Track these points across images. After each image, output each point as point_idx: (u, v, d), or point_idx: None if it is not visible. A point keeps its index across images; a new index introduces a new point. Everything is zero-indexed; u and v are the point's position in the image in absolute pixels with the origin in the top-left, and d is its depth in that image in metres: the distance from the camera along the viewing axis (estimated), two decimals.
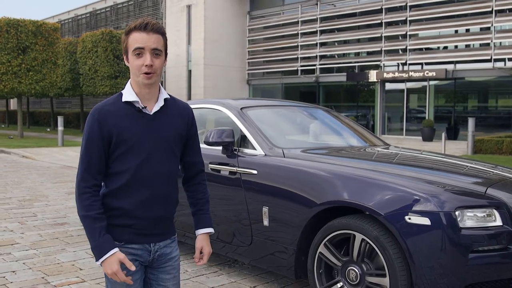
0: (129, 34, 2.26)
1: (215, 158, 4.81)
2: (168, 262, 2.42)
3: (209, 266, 5.20)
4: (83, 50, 30.72)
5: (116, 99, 2.32)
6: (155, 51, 2.24)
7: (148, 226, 2.32)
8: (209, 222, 2.58)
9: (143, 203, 2.29)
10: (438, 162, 4.84)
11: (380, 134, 28.28)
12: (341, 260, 3.84)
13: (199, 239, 2.55)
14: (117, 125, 2.25)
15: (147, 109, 2.31)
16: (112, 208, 2.29)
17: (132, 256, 2.31)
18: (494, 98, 27.12)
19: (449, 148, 18.22)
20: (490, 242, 3.43)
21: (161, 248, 2.39)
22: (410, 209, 3.45)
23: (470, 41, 26.21)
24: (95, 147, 2.25)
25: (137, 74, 2.25)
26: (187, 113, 2.47)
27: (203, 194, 2.59)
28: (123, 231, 2.30)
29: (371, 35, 29.48)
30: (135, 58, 2.24)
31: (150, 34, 2.23)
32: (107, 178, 2.31)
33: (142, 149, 2.28)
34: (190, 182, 2.57)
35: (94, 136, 2.25)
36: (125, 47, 2.28)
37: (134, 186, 2.27)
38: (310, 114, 5.88)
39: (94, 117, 2.26)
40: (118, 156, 2.27)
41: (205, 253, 2.55)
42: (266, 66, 35.25)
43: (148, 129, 2.30)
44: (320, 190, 3.95)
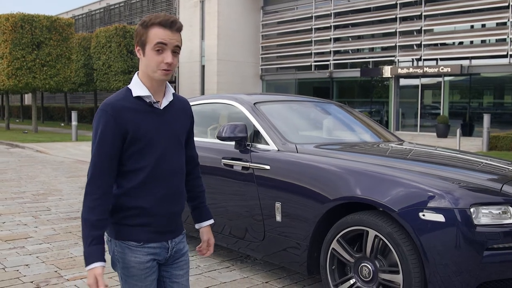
0: (150, 27, 2.17)
1: (228, 153, 4.80)
2: (181, 258, 2.40)
3: (221, 261, 5.20)
4: (97, 45, 30.86)
5: (126, 94, 2.24)
6: (176, 49, 2.20)
7: (165, 223, 2.29)
8: (210, 214, 2.63)
9: (161, 200, 2.25)
10: (452, 158, 4.79)
11: (394, 130, 28.12)
12: (354, 257, 3.81)
13: (205, 231, 2.58)
14: (132, 121, 2.18)
15: (158, 104, 2.27)
16: (129, 208, 2.23)
17: (151, 256, 2.27)
18: (510, 94, 26.84)
19: (464, 145, 18.07)
20: (506, 239, 3.38)
21: (177, 244, 2.37)
22: (425, 206, 3.41)
23: (486, 36, 25.96)
24: (110, 145, 2.16)
25: (155, 70, 2.19)
26: (188, 107, 2.46)
27: (202, 187, 2.61)
28: (142, 231, 2.24)
29: (385, 30, 29.32)
30: (155, 53, 2.17)
31: (174, 32, 2.18)
32: (121, 176, 2.23)
33: (158, 146, 2.24)
34: (190, 176, 2.54)
35: (108, 133, 2.16)
36: (143, 40, 2.19)
37: (151, 183, 2.22)
38: (323, 109, 5.84)
39: (108, 113, 2.16)
40: (133, 153, 2.21)
41: (211, 244, 2.58)
42: (279, 62, 35.18)
43: (160, 125, 2.26)
44: (333, 186, 3.92)
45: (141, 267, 2.24)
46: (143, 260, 2.25)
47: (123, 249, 2.25)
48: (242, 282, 4.61)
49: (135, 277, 2.25)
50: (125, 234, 2.24)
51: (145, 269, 2.25)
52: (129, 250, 2.24)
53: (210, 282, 4.61)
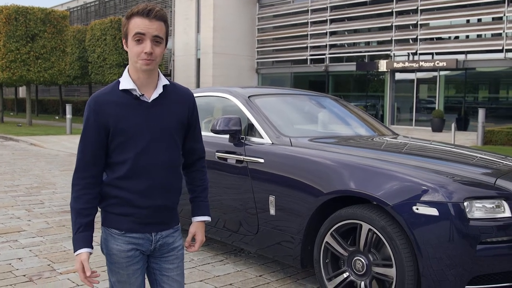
0: (130, 18, 2.18)
1: (222, 147, 4.78)
2: (170, 252, 2.38)
3: (215, 255, 5.19)
4: (91, 38, 30.76)
5: (113, 87, 2.26)
6: (156, 38, 2.18)
7: (148, 215, 2.28)
8: (206, 210, 2.55)
9: (143, 193, 2.24)
10: (447, 152, 4.79)
11: (390, 125, 28.16)
12: (348, 250, 3.81)
13: (193, 226, 2.52)
14: (114, 114, 2.20)
15: (145, 96, 2.25)
16: (112, 197, 2.26)
17: (133, 245, 2.28)
18: (505, 89, 26.89)
19: (459, 139, 18.10)
20: (499, 233, 3.39)
21: (163, 238, 2.35)
22: (418, 200, 3.41)
23: (481, 31, 25.97)
24: (91, 138, 2.22)
25: (136, 60, 2.18)
26: (188, 99, 2.40)
27: (202, 181, 2.55)
28: (123, 220, 2.27)
29: (381, 24, 29.30)
30: (135, 44, 2.17)
31: (152, 21, 2.16)
32: (108, 167, 2.28)
33: (141, 139, 2.22)
34: (190, 168, 2.53)
35: (90, 127, 2.21)
36: (125, 31, 2.21)
37: (134, 176, 2.23)
38: (318, 102, 5.83)
39: (91, 107, 2.21)
40: (116, 146, 2.23)
41: (197, 240, 2.52)
42: (275, 55, 35.13)
43: (147, 118, 2.24)
44: (327, 180, 3.91)
45: (122, 255, 2.27)
46: (124, 249, 2.28)
47: (107, 236, 2.31)
48: (236, 276, 4.61)
49: (117, 264, 2.29)
50: (109, 222, 2.30)
51: (126, 258, 2.28)
52: (111, 237, 2.29)
53: (203, 275, 4.60)
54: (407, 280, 3.42)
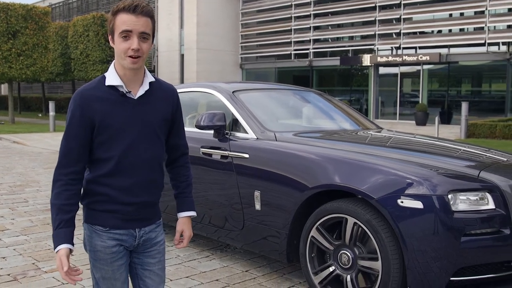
0: (116, 14, 2.16)
1: (207, 142, 4.77)
2: (153, 247, 2.39)
3: (201, 250, 5.18)
4: (74, 34, 30.51)
5: (99, 82, 2.23)
6: (143, 34, 2.16)
7: (133, 212, 2.28)
8: (191, 205, 2.55)
9: (128, 190, 2.24)
10: (431, 145, 4.81)
11: (374, 119, 28.25)
12: (333, 244, 3.82)
13: (180, 222, 2.53)
14: (100, 110, 2.17)
15: (132, 93, 2.23)
16: (97, 194, 2.25)
17: (117, 242, 2.28)
18: (487, 83, 27.12)
19: (443, 132, 18.23)
20: (483, 225, 3.42)
21: (146, 233, 2.35)
22: (403, 193, 3.43)
23: (464, 25, 26.14)
24: (76, 134, 2.19)
25: (123, 57, 2.17)
26: (172, 95, 2.39)
27: (186, 177, 2.55)
28: (108, 217, 2.26)
29: (365, 19, 29.37)
30: (122, 40, 2.15)
31: (139, 17, 2.14)
32: (91, 164, 2.26)
33: (126, 136, 2.21)
34: (174, 164, 2.52)
35: (75, 122, 2.18)
36: (111, 28, 2.19)
37: (119, 173, 2.22)
38: (302, 97, 5.83)
39: (76, 102, 2.18)
40: (101, 143, 2.20)
41: (185, 237, 2.52)
42: (259, 50, 35.10)
43: (132, 115, 2.22)
44: (312, 174, 3.92)
45: (107, 251, 2.26)
46: (109, 245, 2.27)
47: (91, 233, 2.29)
48: (222, 271, 4.60)
49: (102, 260, 2.28)
50: (93, 218, 2.28)
51: (111, 254, 2.27)
52: (95, 234, 2.28)
53: (190, 271, 4.59)
54: (393, 273, 3.43)
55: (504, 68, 24.69)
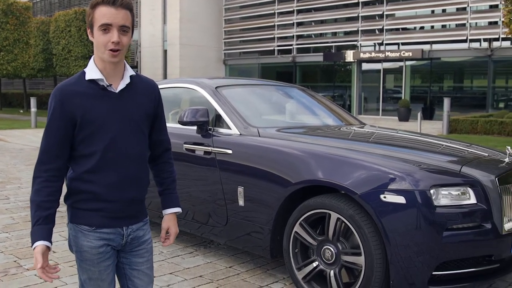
0: (95, 7, 2.13)
1: (190, 138, 4.75)
2: (141, 246, 2.35)
3: (184, 247, 5.17)
4: (56, 29, 30.18)
5: (79, 77, 2.20)
6: (123, 27, 2.14)
7: (119, 209, 2.24)
8: (176, 202, 2.52)
9: (114, 186, 2.20)
10: (413, 141, 4.84)
11: (357, 114, 28.37)
12: (317, 240, 3.83)
13: (166, 219, 2.50)
14: (81, 105, 2.14)
15: (112, 87, 2.20)
16: (81, 192, 2.20)
17: (104, 241, 2.23)
18: (469, 79, 27.35)
19: (425, 128, 18.34)
20: (464, 220, 3.44)
21: (134, 231, 2.31)
22: (386, 188, 3.45)
23: (446, 21, 26.32)
24: (57, 130, 2.15)
25: (103, 51, 2.14)
26: (153, 90, 2.36)
27: (170, 173, 2.52)
28: (93, 215, 2.21)
29: (348, 15, 29.45)
30: (101, 33, 2.12)
31: (118, 9, 2.12)
32: (74, 161, 2.21)
33: (109, 130, 2.18)
34: (157, 161, 2.49)
35: (56, 118, 2.14)
36: (90, 22, 2.15)
37: (103, 169, 2.18)
38: (286, 93, 5.84)
39: (57, 98, 2.14)
40: (84, 138, 2.17)
41: (171, 234, 2.50)
42: (242, 46, 35.06)
43: (114, 109, 2.19)
44: (295, 170, 3.92)
45: (93, 251, 2.21)
46: (96, 245, 2.22)
47: (77, 233, 2.24)
48: (206, 267, 4.59)
49: (88, 261, 2.23)
50: (78, 218, 2.23)
51: (97, 254, 2.22)
52: (82, 234, 2.22)
53: (173, 268, 4.57)
54: (376, 268, 3.45)
55: (486, 64, 24.91)
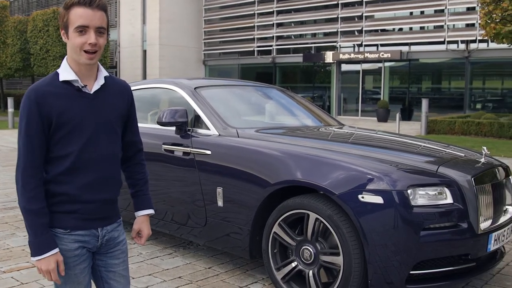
0: (70, 8, 2.11)
1: (169, 139, 4.73)
2: (116, 247, 2.34)
3: (163, 248, 5.15)
4: (33, 29, 29.86)
5: (52, 78, 2.17)
6: (99, 29, 2.13)
7: (94, 211, 2.22)
8: (149, 203, 2.51)
9: (89, 187, 2.19)
10: (392, 141, 4.88)
11: (336, 115, 28.50)
12: (295, 240, 3.84)
13: (138, 221, 2.49)
14: (56, 106, 2.12)
15: (87, 88, 2.19)
16: (55, 195, 2.17)
17: (79, 244, 2.22)
18: (447, 80, 27.62)
19: (403, 129, 18.50)
20: (441, 219, 3.48)
21: (109, 232, 2.30)
22: (364, 188, 3.47)
23: (424, 23, 26.56)
24: (36, 132, 2.11)
25: (78, 53, 2.12)
26: (126, 91, 2.36)
27: (143, 174, 2.51)
28: (68, 218, 2.19)
29: (327, 16, 29.57)
30: (77, 35, 2.10)
31: (95, 10, 2.10)
32: (48, 163, 2.18)
33: (85, 131, 2.17)
34: (129, 162, 2.48)
35: (33, 120, 2.10)
36: (65, 22, 2.13)
37: (78, 170, 2.16)
38: (265, 94, 5.84)
39: (31, 99, 2.10)
40: (59, 139, 2.14)
41: (144, 235, 2.49)
42: (222, 47, 35.03)
43: (90, 110, 2.18)
44: (274, 170, 3.93)
45: (68, 254, 2.19)
46: (71, 248, 2.20)
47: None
48: (185, 268, 4.58)
49: (64, 264, 2.19)
50: (52, 221, 2.19)
51: (73, 257, 2.20)
52: (56, 238, 2.19)
53: (152, 269, 4.55)
54: (354, 267, 3.47)
55: (463, 66, 25.19)
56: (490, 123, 17.31)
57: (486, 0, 12.14)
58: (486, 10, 12.36)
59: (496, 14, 12.04)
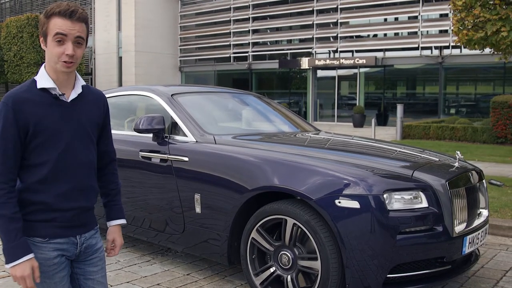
0: (50, 17, 2.12)
1: (146, 146, 4.73)
2: (94, 254, 2.34)
3: (141, 255, 5.13)
4: (7, 35, 29.57)
5: (30, 85, 2.17)
6: (78, 39, 2.13)
7: (72, 218, 2.22)
8: (121, 213, 2.51)
9: (66, 195, 2.18)
10: (368, 147, 4.93)
11: (312, 121, 28.64)
12: (273, 245, 3.86)
13: (111, 231, 2.48)
14: (34, 113, 2.11)
15: (65, 96, 2.20)
16: (32, 203, 2.16)
17: (58, 252, 2.21)
18: (421, 85, 27.94)
19: (379, 134, 18.66)
20: (417, 223, 3.53)
21: (87, 240, 2.30)
22: (340, 193, 3.50)
23: (398, 29, 26.86)
24: (11, 139, 2.10)
25: (56, 61, 2.13)
26: (102, 101, 2.38)
27: (115, 184, 2.51)
28: (46, 226, 2.18)
29: (303, 23, 29.73)
30: (56, 44, 2.11)
31: (75, 22, 2.11)
32: (23, 171, 2.17)
33: (62, 139, 2.17)
34: (102, 171, 2.47)
35: (9, 126, 2.09)
36: (45, 31, 2.14)
37: (55, 178, 2.16)
38: (241, 100, 5.87)
39: (8, 106, 2.09)
40: (36, 147, 2.14)
41: (117, 245, 2.49)
42: (198, 53, 35.01)
43: (67, 118, 2.18)
44: (251, 176, 3.95)
45: (48, 263, 2.18)
46: (50, 256, 2.20)
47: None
48: (163, 275, 4.57)
49: (43, 274, 2.18)
50: (29, 230, 2.17)
51: (52, 266, 2.20)
52: (34, 247, 2.17)
53: (130, 276, 4.53)
54: (332, 272, 3.50)
55: (437, 72, 25.51)
56: (464, 128, 17.55)
57: (458, 7, 12.31)
58: (458, 16, 12.54)
59: (468, 20, 12.22)
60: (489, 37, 11.83)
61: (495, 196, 7.26)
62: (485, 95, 24.66)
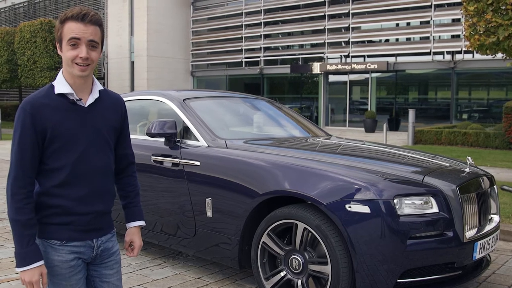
0: (64, 22, 2.16)
1: (158, 150, 4.77)
2: (111, 257, 2.37)
3: (153, 258, 5.16)
4: (21, 40, 29.80)
5: (48, 91, 2.21)
6: (91, 43, 2.17)
7: (88, 222, 2.25)
8: (140, 215, 2.55)
9: (83, 199, 2.22)
10: (378, 152, 4.93)
11: (324, 126, 28.62)
12: (284, 249, 3.88)
13: (129, 232, 2.52)
14: (51, 119, 2.15)
15: (82, 101, 2.23)
16: (50, 207, 2.20)
17: (75, 255, 2.24)
18: (433, 90, 27.83)
19: (391, 139, 18.61)
20: (427, 228, 3.53)
21: (104, 243, 2.34)
22: (351, 198, 3.52)
23: (410, 34, 26.80)
24: (29, 144, 2.14)
25: (71, 65, 2.17)
26: (120, 104, 2.41)
27: (134, 187, 2.55)
28: (63, 229, 2.22)
29: (314, 28, 29.76)
30: (70, 48, 2.15)
31: (87, 25, 2.15)
32: (42, 175, 2.20)
33: (79, 144, 2.20)
34: (121, 174, 2.51)
35: (27, 131, 2.13)
36: (60, 36, 2.18)
37: (72, 182, 2.19)
38: (253, 105, 5.90)
39: (27, 111, 2.13)
40: (53, 151, 2.18)
41: (135, 247, 2.52)
42: (210, 58, 35.10)
43: (84, 123, 2.22)
44: (262, 181, 3.97)
45: (64, 266, 2.22)
46: (67, 259, 2.23)
47: (46, 248, 2.23)
48: (174, 279, 4.60)
49: (59, 276, 2.23)
50: (48, 233, 2.22)
51: (69, 268, 2.23)
52: (52, 249, 2.22)
53: (142, 279, 4.57)
54: (342, 276, 3.51)
55: (449, 77, 25.43)
56: (476, 133, 17.46)
57: (470, 12, 12.30)
58: (470, 21, 12.53)
59: (480, 26, 12.20)
60: (501, 42, 11.80)
61: (507, 202, 7.23)
62: (497, 100, 24.51)
